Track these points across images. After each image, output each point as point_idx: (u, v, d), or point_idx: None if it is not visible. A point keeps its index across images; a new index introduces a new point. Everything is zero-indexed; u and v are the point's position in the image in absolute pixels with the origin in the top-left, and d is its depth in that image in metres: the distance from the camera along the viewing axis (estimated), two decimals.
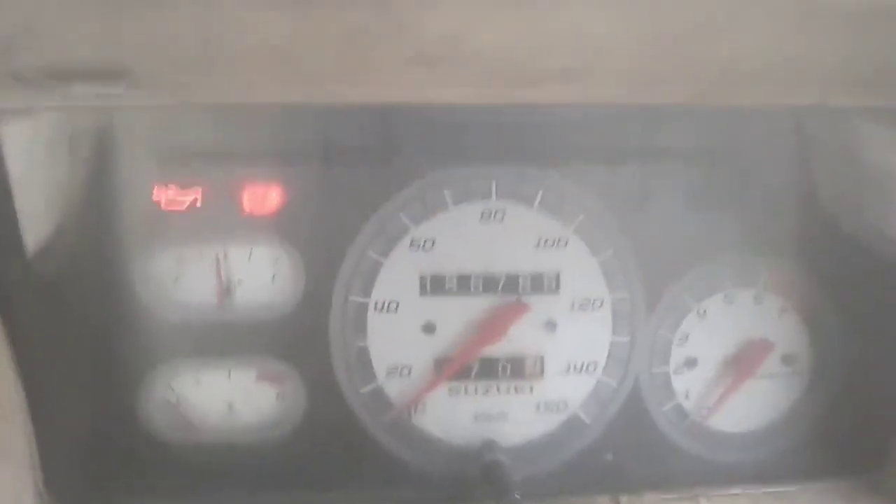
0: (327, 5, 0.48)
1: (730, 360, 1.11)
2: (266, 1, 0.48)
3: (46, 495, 0.93)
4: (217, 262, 1.04)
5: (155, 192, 1.01)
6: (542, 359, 1.09)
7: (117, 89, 0.62)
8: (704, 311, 1.11)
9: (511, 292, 1.07)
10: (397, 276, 1.06)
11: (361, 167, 1.04)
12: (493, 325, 1.07)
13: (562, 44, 0.59)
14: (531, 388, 1.10)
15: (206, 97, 0.68)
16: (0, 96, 0.67)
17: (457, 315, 1.07)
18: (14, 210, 0.89)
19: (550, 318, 1.09)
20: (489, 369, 1.09)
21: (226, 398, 1.07)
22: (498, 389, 1.09)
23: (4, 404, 0.87)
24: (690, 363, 1.12)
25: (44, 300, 0.95)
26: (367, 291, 1.06)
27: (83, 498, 0.97)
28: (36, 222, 0.93)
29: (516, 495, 0.94)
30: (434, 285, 1.07)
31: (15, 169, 0.88)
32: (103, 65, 0.58)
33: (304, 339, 1.06)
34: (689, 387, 1.12)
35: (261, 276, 1.05)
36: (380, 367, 1.07)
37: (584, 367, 1.10)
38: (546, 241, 1.07)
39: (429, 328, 1.08)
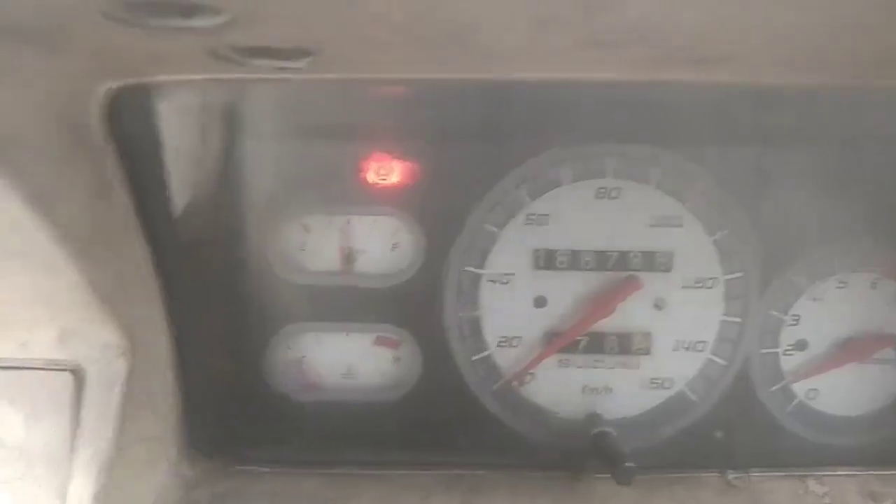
0: None
1: (841, 345, 1.11)
2: None
3: (188, 448, 1.00)
4: (341, 231, 1.09)
5: (289, 163, 1.06)
6: (650, 335, 1.11)
7: (299, 64, 0.65)
8: (818, 294, 1.10)
9: (622, 269, 1.09)
10: (511, 249, 1.09)
11: (482, 143, 1.07)
12: (603, 301, 1.09)
13: (733, 28, 0.60)
14: (638, 364, 1.12)
15: (377, 73, 0.71)
16: (185, 69, 0.70)
17: (568, 290, 1.10)
18: (166, 177, 0.94)
19: (661, 295, 1.10)
20: (597, 344, 1.11)
21: (346, 360, 1.12)
22: (605, 364, 1.12)
23: (158, 361, 0.93)
24: (800, 345, 1.12)
25: (187, 263, 1.00)
26: (481, 263, 1.09)
27: (219, 450, 1.04)
28: (181, 190, 0.99)
29: (628, 464, 0.97)
30: (547, 259, 1.09)
31: (168, 140, 0.93)
32: (296, 44, 0.61)
33: (420, 306, 1.10)
34: (798, 368, 1.12)
35: (382, 245, 1.09)
36: (491, 336, 1.11)
37: (693, 346, 1.11)
38: (661, 219, 1.08)
39: (540, 301, 1.10)
